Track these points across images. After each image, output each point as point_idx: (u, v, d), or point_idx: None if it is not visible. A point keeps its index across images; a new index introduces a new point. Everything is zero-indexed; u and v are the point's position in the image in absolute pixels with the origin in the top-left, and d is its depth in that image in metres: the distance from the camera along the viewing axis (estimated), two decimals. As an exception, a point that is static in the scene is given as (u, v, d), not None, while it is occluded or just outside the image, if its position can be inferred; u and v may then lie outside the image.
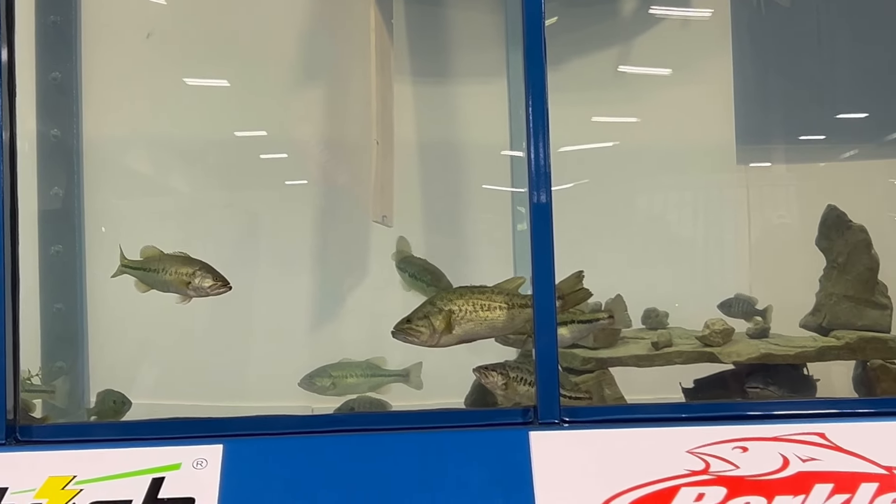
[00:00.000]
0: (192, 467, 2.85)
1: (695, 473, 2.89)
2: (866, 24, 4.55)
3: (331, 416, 3.49)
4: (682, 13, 4.64)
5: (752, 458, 2.90)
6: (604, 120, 4.59)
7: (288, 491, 2.79)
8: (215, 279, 3.44)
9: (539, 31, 3.02)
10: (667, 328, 3.87)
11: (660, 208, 4.61)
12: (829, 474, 2.90)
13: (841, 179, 4.57)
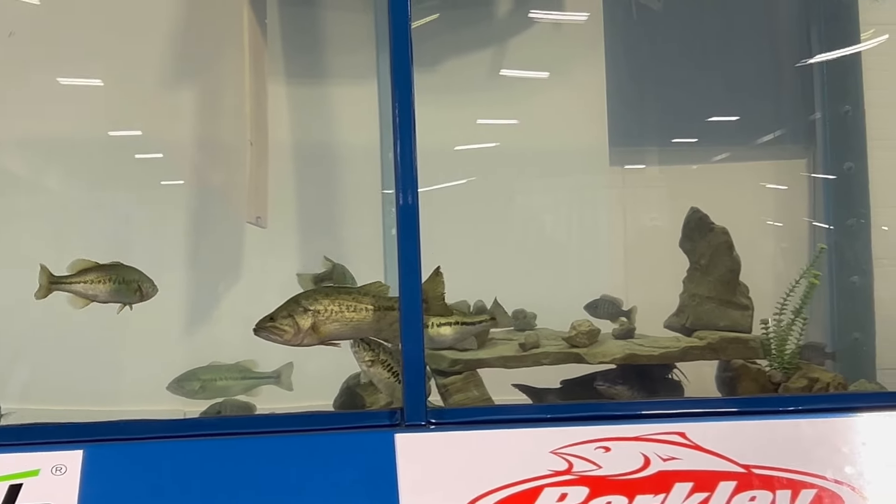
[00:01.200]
0: (51, 473, 2.80)
1: (558, 474, 2.92)
2: (737, 28, 4.64)
3: (196, 420, 3.46)
4: (557, 17, 4.69)
5: (615, 458, 2.94)
6: (487, 122, 4.63)
7: (151, 497, 2.76)
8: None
9: (405, 31, 3.03)
10: (535, 329, 3.91)
11: (538, 209, 4.65)
12: (688, 473, 2.95)
13: (713, 181, 4.65)
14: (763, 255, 4.46)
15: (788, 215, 4.61)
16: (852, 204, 4.42)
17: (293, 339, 3.23)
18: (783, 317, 3.70)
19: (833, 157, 4.43)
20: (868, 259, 4.38)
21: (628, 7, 4.67)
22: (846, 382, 3.63)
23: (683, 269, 3.89)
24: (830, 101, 4.45)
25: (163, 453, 2.83)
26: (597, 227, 4.67)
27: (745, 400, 3.45)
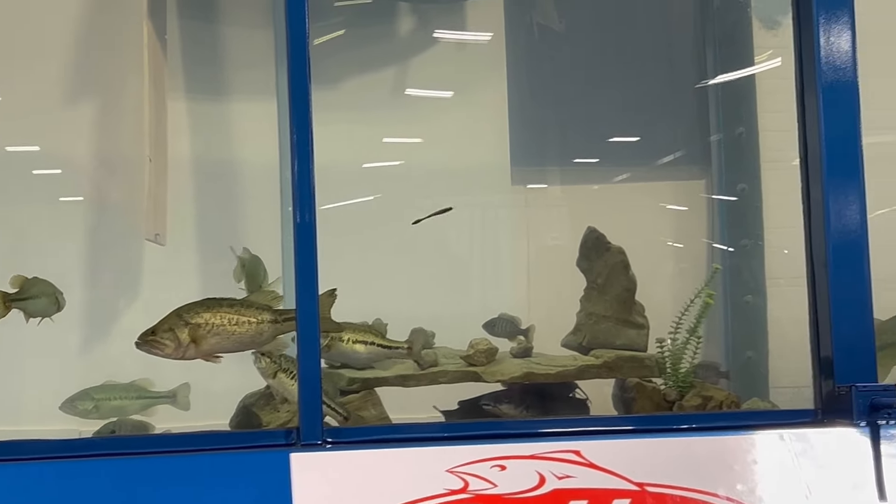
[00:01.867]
0: (-67, 496, 2.75)
1: (454, 493, 2.92)
2: (638, 50, 4.69)
3: (88, 440, 3.40)
4: (460, 37, 4.71)
5: (510, 477, 2.94)
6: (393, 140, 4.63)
7: (40, 518, 2.72)
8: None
9: (302, 47, 3.02)
10: (433, 348, 3.91)
11: (441, 227, 4.65)
12: (583, 491, 2.97)
13: (614, 201, 4.69)
14: (662, 275, 4.51)
15: (688, 235, 4.66)
16: (746, 225, 4.48)
17: (174, 353, 3.21)
18: (678, 336, 3.76)
19: (728, 179, 4.50)
20: (762, 279, 4.45)
21: (530, 28, 4.71)
22: (739, 401, 3.69)
23: (582, 288, 3.93)
24: (725, 123, 4.52)
25: (53, 474, 2.78)
26: (499, 245, 4.69)
27: (640, 418, 3.48)
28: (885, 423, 3.00)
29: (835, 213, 3.12)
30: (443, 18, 4.71)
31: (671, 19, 4.79)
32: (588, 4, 4.77)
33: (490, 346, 3.69)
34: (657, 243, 4.66)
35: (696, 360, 3.74)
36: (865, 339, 3.13)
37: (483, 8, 4.63)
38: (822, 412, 3.13)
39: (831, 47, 3.15)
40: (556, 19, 4.67)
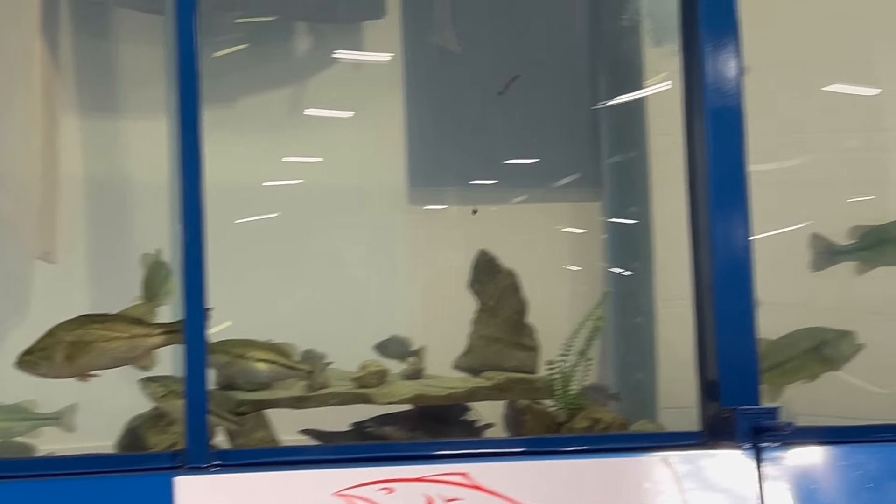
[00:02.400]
0: None
1: (340, 516, 2.92)
2: (536, 72, 4.73)
3: (-37, 465, 3.34)
4: (358, 57, 4.72)
5: (397, 499, 2.91)
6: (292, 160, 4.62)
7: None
8: None
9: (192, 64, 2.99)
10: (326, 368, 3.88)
11: (339, 247, 4.66)
12: (470, 514, 2.99)
13: (512, 223, 4.72)
14: (557, 298, 4.54)
15: (585, 258, 4.71)
16: (637, 247, 4.54)
17: (49, 372, 3.17)
18: (568, 358, 3.78)
19: (619, 202, 4.55)
20: (651, 301, 4.51)
21: (428, 48, 4.73)
22: (628, 423, 3.72)
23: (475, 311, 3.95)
24: (617, 146, 4.58)
25: (-73, 499, 2.72)
26: (396, 266, 4.70)
27: (528, 440, 3.47)
28: (768, 445, 3.05)
29: (720, 237, 3.15)
30: (341, 38, 4.71)
31: (568, 42, 4.84)
32: (486, 26, 4.80)
33: (381, 368, 3.68)
34: (554, 265, 4.70)
35: (585, 382, 3.76)
36: (749, 362, 3.16)
37: (381, 28, 4.63)
38: (707, 434, 3.15)
39: (718, 73, 3.20)
40: (454, 40, 4.69)
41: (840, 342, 3.97)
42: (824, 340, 3.97)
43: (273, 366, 3.59)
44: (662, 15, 4.43)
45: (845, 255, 4.10)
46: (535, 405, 3.70)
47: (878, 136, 4.93)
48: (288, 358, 3.62)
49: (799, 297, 4.47)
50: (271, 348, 3.61)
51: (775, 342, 3.99)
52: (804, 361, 3.95)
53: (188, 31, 3.01)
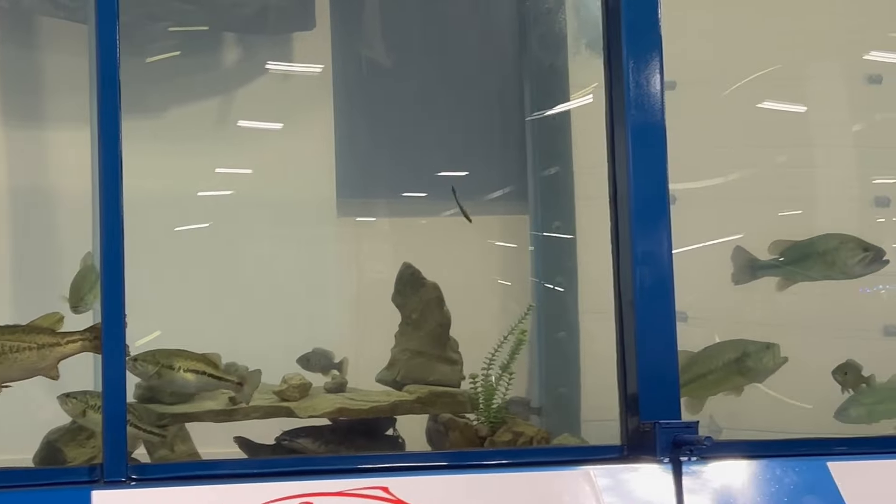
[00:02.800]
0: None
1: (260, 530, 2.90)
2: (467, 86, 4.74)
3: None
4: (288, 68, 4.70)
5: (317, 514, 2.95)
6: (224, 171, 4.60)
7: None
8: None
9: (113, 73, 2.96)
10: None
11: (268, 259, 4.63)
12: (391, 528, 2.98)
13: (442, 235, 4.72)
14: (485, 311, 4.55)
15: (513, 271, 4.71)
16: (561, 261, 4.56)
17: None
18: (491, 372, 3.79)
19: (544, 216, 4.57)
20: (575, 315, 4.53)
21: (358, 60, 4.73)
22: (550, 436, 3.74)
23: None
24: (542, 160, 4.59)
25: None
26: (325, 279, 4.68)
27: (450, 454, 3.48)
28: (686, 459, 3.06)
29: (641, 252, 3.19)
30: (271, 49, 4.70)
31: (497, 54, 4.86)
32: (417, 38, 4.81)
33: (303, 382, 3.67)
34: (483, 278, 4.70)
35: (508, 395, 3.78)
36: (670, 376, 3.19)
37: (310, 40, 4.61)
38: (628, 448, 3.17)
39: (640, 88, 3.23)
40: (384, 53, 4.70)
41: (763, 354, 4.01)
42: (747, 352, 4.01)
43: (202, 376, 3.56)
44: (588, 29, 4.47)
45: (767, 269, 4.15)
46: (458, 419, 3.71)
47: (806, 151, 5.00)
48: (217, 368, 3.61)
49: (728, 311, 4.53)
50: (200, 358, 3.59)
51: (698, 354, 4.03)
52: (726, 373, 3.99)
53: (109, 39, 2.98)
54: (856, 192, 5.03)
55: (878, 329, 4.84)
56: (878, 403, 4.20)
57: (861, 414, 4.17)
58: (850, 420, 4.16)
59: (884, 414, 4.19)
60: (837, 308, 4.75)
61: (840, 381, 4.15)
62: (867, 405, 4.19)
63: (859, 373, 4.18)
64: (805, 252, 4.17)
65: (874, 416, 4.18)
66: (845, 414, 4.19)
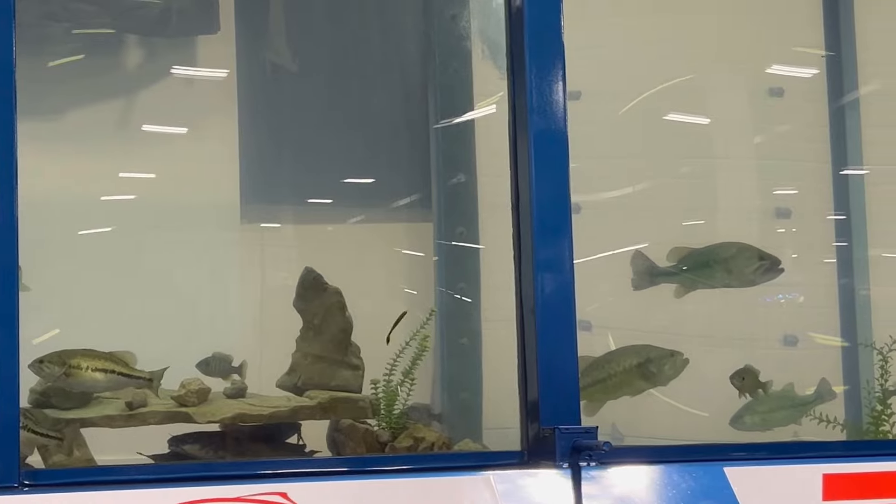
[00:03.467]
0: None
1: (155, 536, 2.86)
2: (373, 92, 4.74)
3: None
4: (192, 72, 4.66)
5: (214, 520, 2.92)
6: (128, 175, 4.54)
7: None
8: None
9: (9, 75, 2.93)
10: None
11: (171, 264, 4.58)
12: (288, 533, 2.96)
13: (348, 243, 4.71)
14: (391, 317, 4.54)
15: (419, 277, 4.71)
16: (464, 268, 4.56)
17: None
18: (393, 377, 3.79)
19: (448, 223, 4.57)
20: (478, 322, 4.54)
21: (263, 65, 4.70)
22: (451, 442, 3.74)
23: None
24: (446, 167, 4.59)
25: None
26: (229, 284, 4.64)
27: (350, 459, 3.49)
28: (586, 464, 3.08)
29: (543, 260, 3.21)
30: (174, 53, 4.65)
31: (403, 61, 4.86)
32: (323, 44, 4.79)
33: (202, 387, 3.62)
34: (388, 285, 4.70)
35: (409, 401, 3.78)
36: (570, 382, 3.21)
37: (215, 44, 4.57)
38: (528, 454, 3.19)
39: (543, 97, 3.25)
40: (289, 58, 4.67)
41: (665, 361, 4.06)
42: (650, 358, 4.06)
43: (111, 375, 3.54)
44: (492, 38, 4.49)
45: (665, 276, 4.20)
46: (359, 424, 3.69)
47: (709, 162, 5.07)
48: (126, 366, 3.58)
49: (631, 320, 4.57)
50: (108, 357, 3.57)
51: (600, 358, 4.08)
52: (627, 377, 4.04)
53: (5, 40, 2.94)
54: (757, 203, 5.12)
55: (778, 338, 4.92)
56: (771, 412, 4.28)
57: (756, 422, 4.25)
58: (745, 427, 4.23)
59: (777, 421, 4.28)
60: (739, 317, 4.83)
61: (737, 387, 4.22)
62: (761, 413, 4.27)
63: (756, 378, 4.25)
64: (703, 260, 4.23)
65: (768, 424, 4.27)
66: (740, 422, 4.27)
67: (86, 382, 3.53)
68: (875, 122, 5.12)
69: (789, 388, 4.34)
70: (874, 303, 4.99)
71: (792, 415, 4.30)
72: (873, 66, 5.17)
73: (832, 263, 5.06)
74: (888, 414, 4.24)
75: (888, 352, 4.26)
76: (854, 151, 5.06)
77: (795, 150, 5.19)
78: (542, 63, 3.25)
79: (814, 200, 5.13)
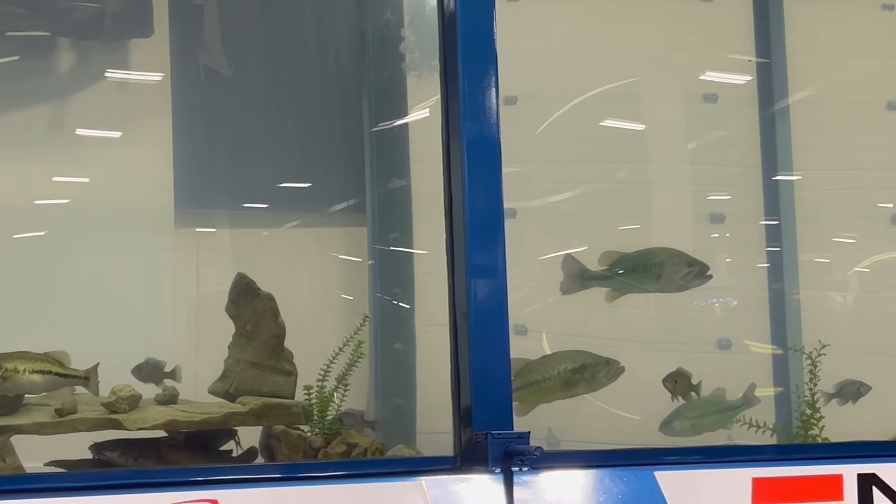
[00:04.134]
0: None
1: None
2: (308, 98, 4.72)
3: None
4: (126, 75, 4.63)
5: (144, 527, 2.89)
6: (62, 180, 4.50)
7: None
8: None
9: None
10: (74, 395, 3.78)
11: (104, 269, 4.54)
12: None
13: (283, 248, 4.69)
14: (326, 322, 4.53)
15: (356, 283, 4.71)
16: (399, 273, 4.56)
17: None
18: (326, 383, 3.79)
19: (382, 229, 4.57)
20: (412, 327, 4.54)
21: (198, 69, 4.67)
22: (384, 448, 3.74)
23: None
24: (381, 172, 4.59)
25: None
26: (162, 289, 4.61)
27: (284, 466, 3.48)
28: (518, 469, 3.09)
29: (475, 264, 3.20)
30: (108, 56, 4.61)
31: (338, 67, 4.85)
32: (258, 48, 4.77)
33: (133, 393, 3.58)
34: (324, 290, 4.69)
35: (343, 407, 3.78)
36: (503, 387, 3.21)
37: (149, 47, 4.54)
38: (461, 459, 3.18)
39: (475, 103, 3.25)
40: (224, 62, 4.64)
41: (600, 368, 4.08)
42: (585, 364, 4.08)
43: (48, 376, 3.52)
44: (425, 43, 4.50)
45: (596, 280, 4.22)
46: (292, 430, 3.69)
47: (644, 168, 5.10)
48: (61, 366, 3.56)
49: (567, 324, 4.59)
50: (43, 358, 3.54)
51: (535, 361, 4.10)
52: (562, 381, 4.06)
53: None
54: (692, 208, 5.16)
55: (712, 342, 4.96)
56: (700, 417, 4.32)
57: (685, 427, 4.29)
58: (674, 433, 4.27)
59: (706, 427, 4.32)
60: (674, 322, 4.87)
61: (670, 390, 4.26)
62: (690, 419, 4.30)
63: (689, 381, 4.29)
64: (633, 264, 4.26)
65: (697, 429, 4.31)
66: (670, 427, 4.31)
67: (24, 385, 3.50)
68: (805, 128, 5.20)
69: (718, 394, 4.39)
70: (804, 307, 5.07)
71: (720, 420, 4.35)
72: (804, 73, 5.25)
73: (764, 268, 5.14)
74: (817, 418, 4.32)
75: (817, 356, 4.34)
76: (784, 157, 5.13)
77: (729, 155, 5.24)
78: (475, 68, 3.24)
79: (747, 205, 5.19)
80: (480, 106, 3.26)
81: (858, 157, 5.29)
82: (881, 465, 3.38)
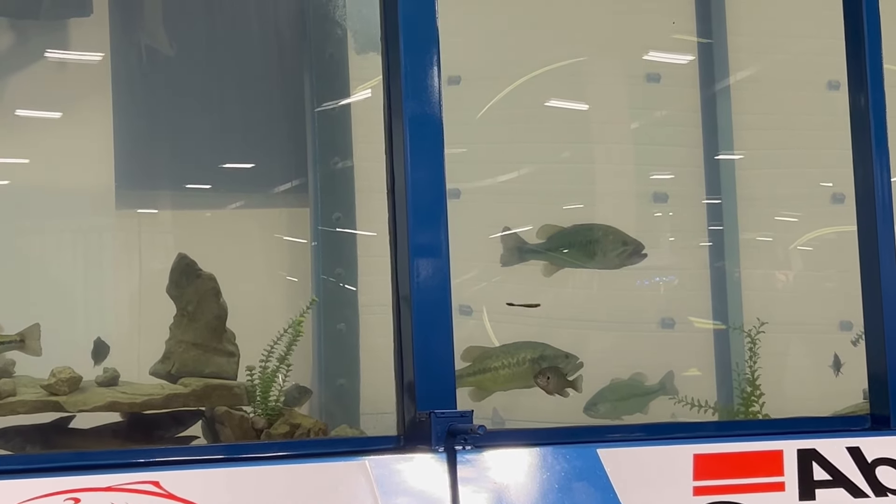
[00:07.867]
0: None
1: (23, 528, 2.81)
2: (251, 77, 4.70)
3: None
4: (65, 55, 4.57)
5: (83, 510, 2.88)
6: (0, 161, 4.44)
7: None
8: None
9: None
10: (13, 377, 3.75)
11: (44, 252, 4.50)
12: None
13: (226, 229, 4.67)
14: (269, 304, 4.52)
15: (299, 264, 4.69)
16: (342, 254, 4.56)
17: None
18: (269, 364, 3.77)
19: (325, 209, 4.56)
20: (355, 307, 4.54)
21: (138, 49, 4.62)
22: (327, 428, 3.74)
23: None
24: (323, 152, 4.59)
25: None
26: (104, 270, 4.57)
27: (226, 447, 3.47)
28: (461, 448, 3.10)
29: (418, 244, 3.21)
30: (47, 36, 4.55)
31: (280, 46, 4.82)
32: (199, 27, 4.74)
33: (73, 375, 3.54)
34: (267, 271, 4.67)
35: (285, 388, 3.76)
36: (446, 367, 3.22)
37: (88, 26, 4.50)
38: (404, 439, 3.20)
39: (417, 82, 3.25)
40: (165, 42, 4.60)
41: (558, 360, 4.11)
42: (544, 356, 4.10)
43: None
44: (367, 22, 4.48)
45: (533, 253, 4.24)
46: (234, 411, 3.67)
47: (588, 147, 5.12)
48: None
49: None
50: None
51: (496, 348, 4.14)
52: (521, 370, 4.08)
53: None
54: (635, 188, 5.19)
55: (656, 321, 5.00)
56: (621, 400, 4.37)
57: (608, 409, 4.33)
58: (598, 414, 4.33)
59: (625, 409, 4.38)
60: (618, 300, 4.90)
61: (543, 386, 4.25)
62: (612, 401, 4.35)
63: (563, 377, 4.28)
64: (570, 240, 4.29)
65: (618, 412, 4.35)
66: (595, 409, 4.35)
67: None
68: (746, 108, 5.24)
69: (636, 378, 4.44)
70: (745, 285, 5.12)
71: (639, 403, 4.42)
72: (745, 53, 5.29)
73: (707, 247, 5.18)
74: (757, 395, 4.37)
75: (756, 334, 4.39)
76: (726, 137, 5.17)
77: (672, 135, 5.28)
78: (417, 48, 3.24)
79: (689, 185, 5.22)
80: (422, 85, 3.26)
81: (799, 137, 5.35)
82: (821, 441, 3.43)
